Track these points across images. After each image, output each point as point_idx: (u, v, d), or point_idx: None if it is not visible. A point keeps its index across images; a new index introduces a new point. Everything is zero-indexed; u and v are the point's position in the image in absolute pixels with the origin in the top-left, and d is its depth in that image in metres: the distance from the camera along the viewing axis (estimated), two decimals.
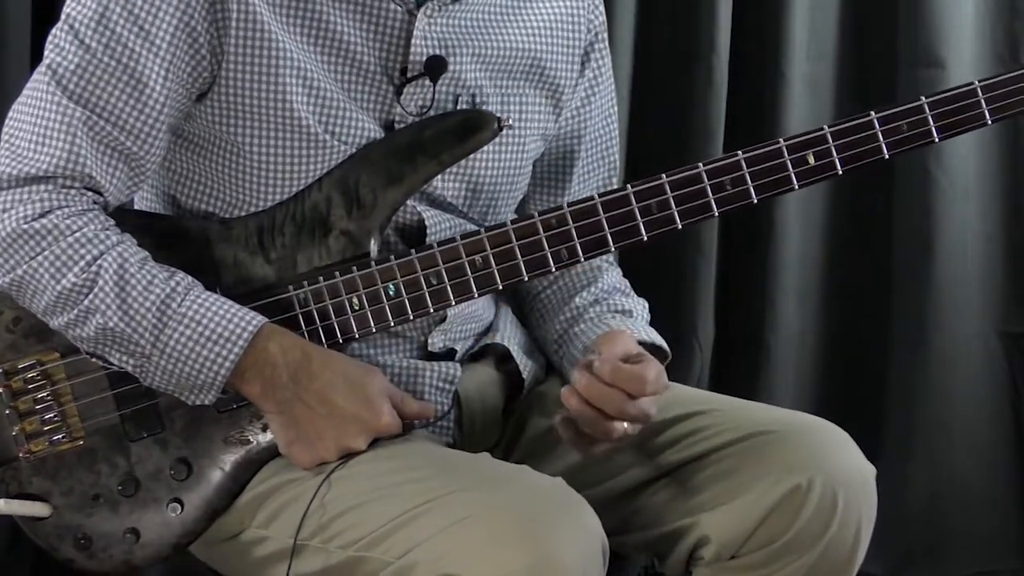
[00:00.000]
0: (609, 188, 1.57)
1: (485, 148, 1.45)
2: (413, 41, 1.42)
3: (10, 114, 1.39)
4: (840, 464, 1.39)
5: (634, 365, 1.36)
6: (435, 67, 1.43)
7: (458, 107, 1.46)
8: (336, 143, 1.40)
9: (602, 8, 1.59)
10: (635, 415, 1.35)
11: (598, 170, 1.61)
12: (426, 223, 1.44)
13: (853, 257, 2.49)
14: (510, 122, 1.43)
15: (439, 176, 1.44)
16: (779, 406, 1.54)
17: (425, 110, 1.43)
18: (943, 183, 2.45)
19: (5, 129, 1.39)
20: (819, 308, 2.48)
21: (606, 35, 1.60)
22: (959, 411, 2.52)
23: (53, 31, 1.38)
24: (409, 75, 1.42)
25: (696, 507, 1.41)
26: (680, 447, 1.44)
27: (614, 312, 1.54)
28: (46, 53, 1.38)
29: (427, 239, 1.43)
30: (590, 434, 1.37)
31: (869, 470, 1.42)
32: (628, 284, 1.62)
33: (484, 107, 1.47)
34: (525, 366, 1.54)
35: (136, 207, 1.52)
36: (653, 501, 1.44)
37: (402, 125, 1.43)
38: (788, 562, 1.38)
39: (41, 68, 1.38)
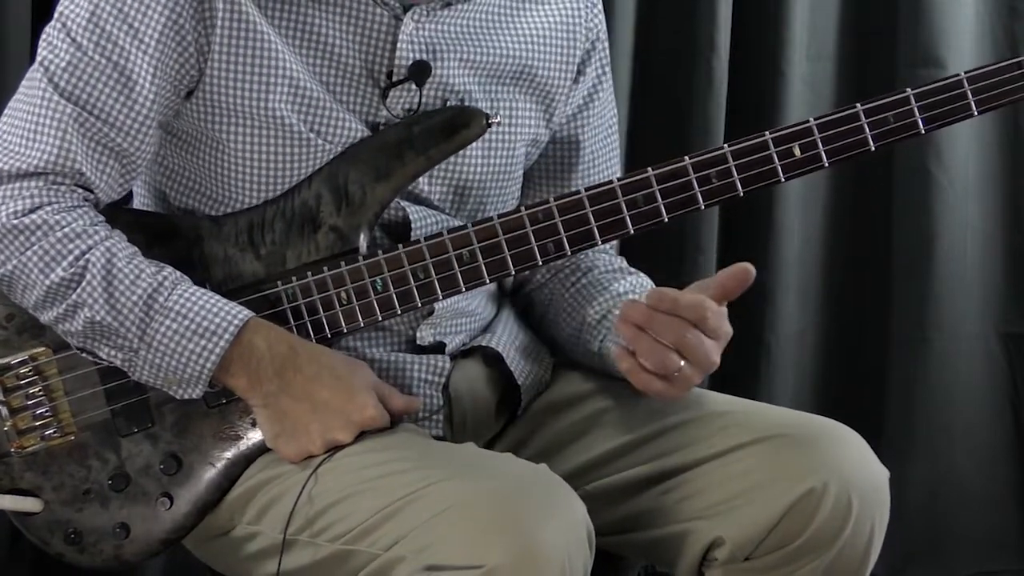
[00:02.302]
0: None
1: (473, 149, 1.46)
2: (399, 45, 1.43)
3: (5, 111, 1.41)
4: (854, 467, 1.38)
5: (696, 295, 1.34)
6: (419, 71, 1.43)
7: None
8: (321, 142, 1.41)
9: (601, 15, 1.59)
10: (694, 347, 1.33)
11: (600, 178, 1.59)
12: (411, 219, 1.44)
13: (853, 256, 2.49)
14: (499, 119, 1.44)
15: (425, 178, 1.45)
16: (778, 405, 1.54)
17: (411, 114, 1.44)
18: (943, 182, 2.45)
19: None
20: (819, 307, 2.48)
21: (606, 42, 1.59)
22: (959, 411, 2.52)
23: (46, 29, 1.40)
24: (394, 79, 1.43)
25: (709, 508, 1.40)
26: (692, 448, 1.44)
27: None
28: (39, 51, 1.39)
29: (412, 235, 1.43)
30: (646, 367, 1.34)
31: (883, 473, 1.42)
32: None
33: None
34: (521, 371, 1.54)
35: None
36: (662, 500, 1.43)
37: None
38: (802, 564, 1.38)
39: (34, 66, 1.39)
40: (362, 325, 1.41)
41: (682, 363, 1.34)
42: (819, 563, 1.37)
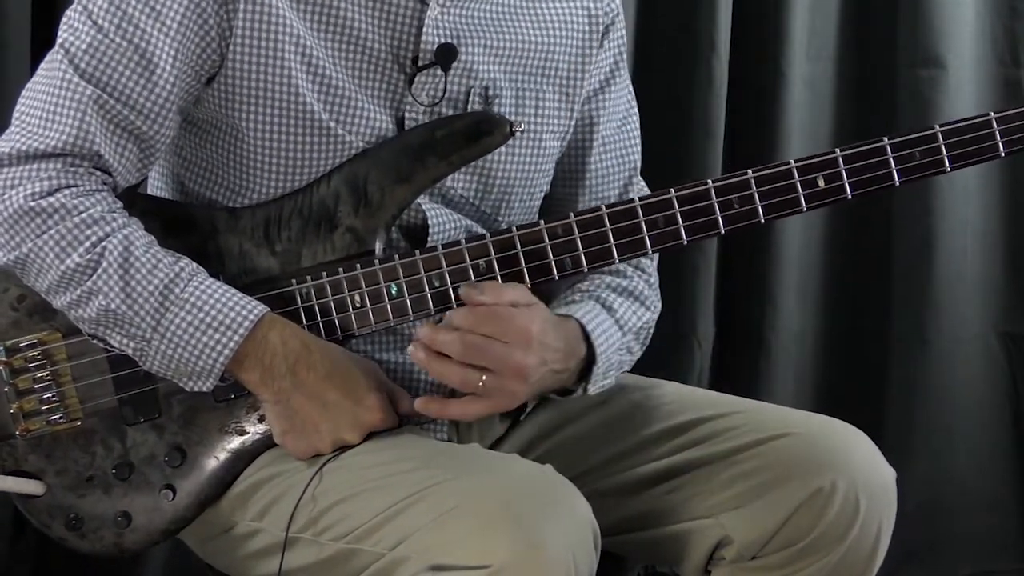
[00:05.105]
0: (631, 185, 1.57)
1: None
2: (424, 30, 1.43)
3: (23, 92, 1.40)
4: (862, 467, 1.39)
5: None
6: (446, 55, 1.43)
7: (470, 99, 1.45)
8: (342, 132, 1.41)
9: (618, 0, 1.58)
10: (478, 352, 1.32)
11: (618, 168, 1.58)
12: (429, 222, 1.44)
13: (853, 256, 2.50)
14: (523, 127, 1.43)
15: None
16: (779, 405, 1.54)
17: (436, 101, 1.43)
18: (943, 182, 2.45)
19: (17, 106, 1.40)
20: (819, 307, 2.49)
21: (623, 28, 1.59)
22: (959, 411, 2.53)
23: (67, 12, 1.39)
24: (420, 64, 1.42)
25: (716, 507, 1.41)
26: (700, 447, 1.44)
27: (593, 299, 1.50)
28: (60, 33, 1.39)
29: (430, 239, 1.43)
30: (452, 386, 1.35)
31: (890, 473, 1.42)
32: (649, 296, 1.56)
33: (498, 101, 1.47)
34: None
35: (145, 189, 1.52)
36: (668, 499, 1.44)
37: (412, 115, 1.43)
38: (809, 563, 1.38)
39: (55, 47, 1.39)
40: (374, 329, 1.41)
41: (483, 376, 1.33)
42: (826, 562, 1.38)
